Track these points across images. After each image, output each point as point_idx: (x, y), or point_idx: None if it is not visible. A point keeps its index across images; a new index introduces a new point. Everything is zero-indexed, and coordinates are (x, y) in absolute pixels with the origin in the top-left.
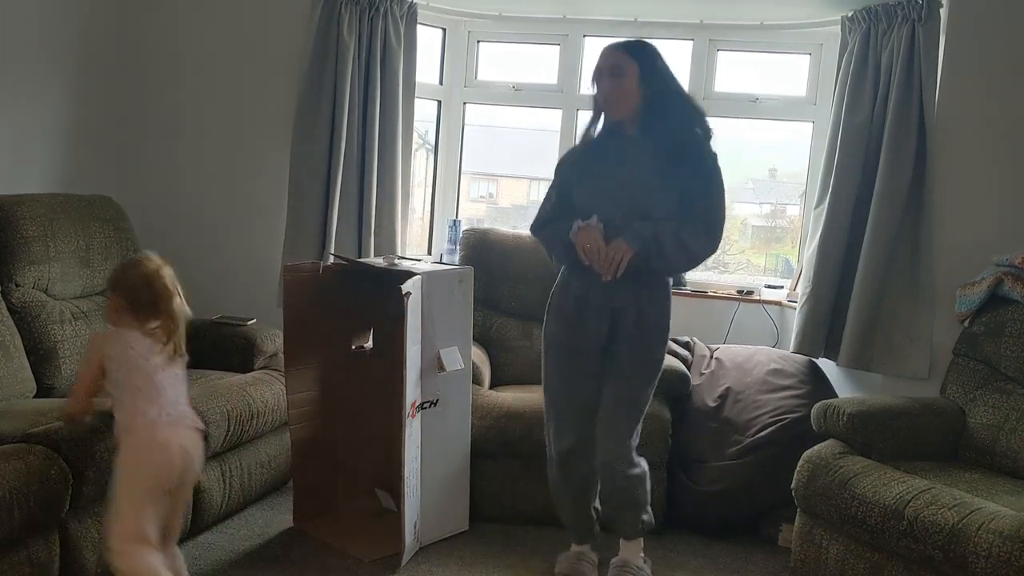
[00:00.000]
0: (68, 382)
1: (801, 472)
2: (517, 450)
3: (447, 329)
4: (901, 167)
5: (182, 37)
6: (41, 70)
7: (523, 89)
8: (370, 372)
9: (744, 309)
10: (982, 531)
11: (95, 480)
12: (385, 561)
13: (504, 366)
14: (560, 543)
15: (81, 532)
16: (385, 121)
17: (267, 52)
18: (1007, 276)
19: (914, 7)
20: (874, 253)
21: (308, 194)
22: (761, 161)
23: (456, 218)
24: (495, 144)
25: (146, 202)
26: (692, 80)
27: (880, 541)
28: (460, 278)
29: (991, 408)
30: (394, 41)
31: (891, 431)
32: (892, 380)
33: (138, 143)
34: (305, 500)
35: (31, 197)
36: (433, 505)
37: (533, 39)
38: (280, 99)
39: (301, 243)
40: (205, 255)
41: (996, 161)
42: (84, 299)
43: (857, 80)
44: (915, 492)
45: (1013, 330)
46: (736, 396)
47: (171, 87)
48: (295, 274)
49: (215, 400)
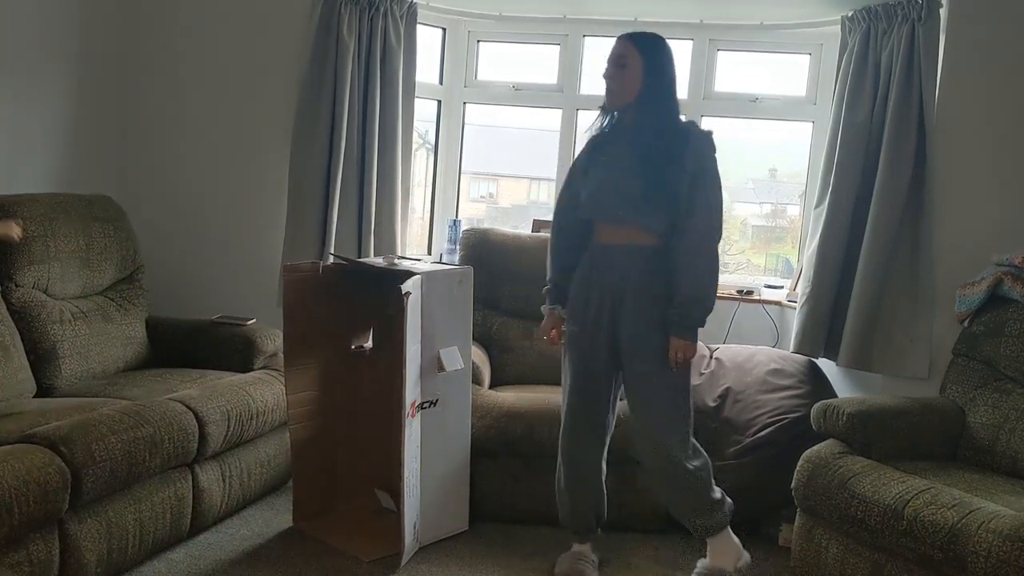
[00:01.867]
0: (68, 382)
1: (801, 472)
2: (517, 450)
3: (447, 329)
4: (901, 167)
5: (182, 37)
6: (41, 70)
7: (523, 89)
8: (370, 372)
9: (744, 309)
10: (982, 531)
11: (95, 480)
12: (385, 561)
13: (504, 366)
14: (559, 543)
15: (81, 532)
16: (385, 121)
17: (267, 52)
18: (1007, 276)
19: (914, 7)
20: (874, 253)
21: (308, 194)
22: (761, 161)
23: (456, 218)
24: (495, 144)
25: (146, 202)
26: (692, 80)
27: (880, 541)
28: (460, 278)
29: (991, 408)
30: (394, 41)
31: (891, 431)
32: (892, 380)
33: (138, 143)
34: (305, 500)
35: (31, 197)
36: (433, 505)
37: (533, 39)
38: (280, 99)
39: (301, 243)
40: (205, 255)
41: (996, 161)
42: (84, 299)
43: (857, 80)
44: (915, 492)
45: (1013, 330)
46: (736, 396)
47: (171, 87)
48: (295, 274)
49: (215, 400)
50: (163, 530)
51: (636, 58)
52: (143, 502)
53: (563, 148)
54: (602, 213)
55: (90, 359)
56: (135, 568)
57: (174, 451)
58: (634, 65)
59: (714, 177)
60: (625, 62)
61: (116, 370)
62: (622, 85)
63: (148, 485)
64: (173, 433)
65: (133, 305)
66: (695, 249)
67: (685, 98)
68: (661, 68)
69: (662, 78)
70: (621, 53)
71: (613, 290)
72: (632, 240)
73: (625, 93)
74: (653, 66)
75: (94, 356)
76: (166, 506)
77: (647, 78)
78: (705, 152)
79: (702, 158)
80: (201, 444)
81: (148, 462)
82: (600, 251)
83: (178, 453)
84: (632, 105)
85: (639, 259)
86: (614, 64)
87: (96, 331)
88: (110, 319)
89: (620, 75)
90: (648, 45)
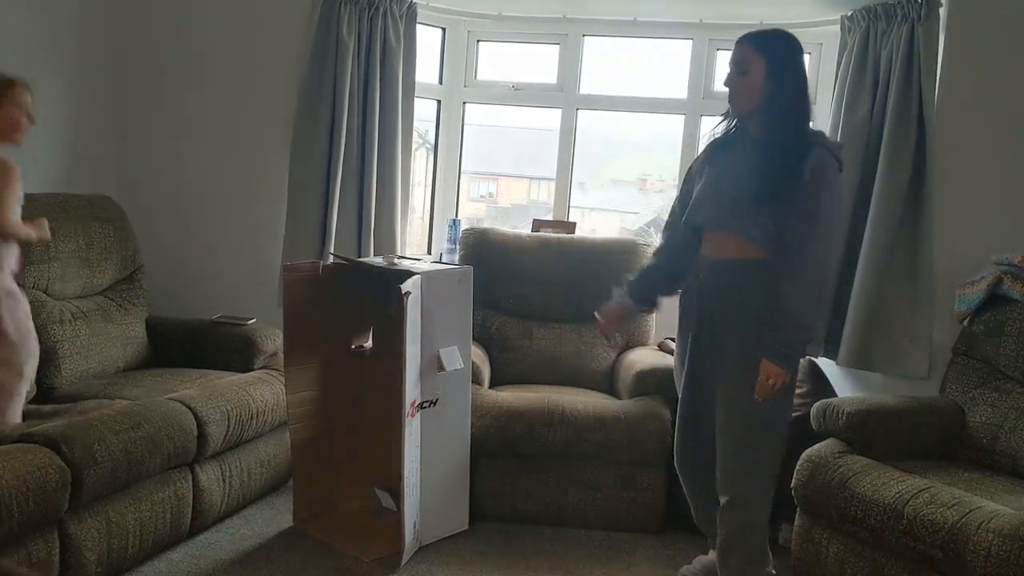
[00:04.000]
0: (68, 382)
1: (801, 471)
2: (517, 449)
3: (447, 328)
4: (900, 166)
5: (182, 37)
6: (41, 70)
7: (523, 89)
8: (370, 372)
9: None
10: (981, 530)
11: (95, 480)
12: (385, 560)
13: (504, 366)
14: (559, 542)
15: (81, 532)
16: (385, 121)
17: (267, 52)
18: (1007, 275)
19: (913, 6)
20: (874, 252)
21: (308, 194)
22: None
23: (456, 218)
24: (495, 144)
25: (146, 202)
26: (692, 79)
27: (880, 540)
28: (460, 277)
29: (990, 407)
30: (394, 41)
31: (891, 430)
32: (892, 379)
33: (138, 143)
34: (305, 500)
35: (31, 197)
36: (433, 504)
37: (533, 39)
38: (280, 99)
39: (301, 243)
40: (205, 255)
41: (996, 160)
42: (84, 299)
43: (857, 79)
44: (915, 491)
45: (1012, 329)
46: None
47: (171, 87)
48: (295, 274)
49: (215, 400)
50: (163, 530)
51: (758, 63)
52: (143, 502)
53: (563, 148)
54: (703, 218)
55: (90, 359)
56: (135, 568)
57: (174, 451)
58: (756, 71)
59: (833, 192)
60: (746, 68)
61: (116, 370)
62: (742, 92)
63: (148, 485)
64: (173, 433)
65: (133, 305)
66: (802, 267)
67: (685, 98)
68: (788, 72)
69: (789, 84)
70: (741, 59)
71: (712, 306)
72: (736, 253)
73: (747, 100)
74: (778, 71)
75: (94, 356)
76: (166, 506)
77: (772, 85)
78: (825, 165)
79: (821, 171)
80: (201, 444)
81: (148, 462)
82: (702, 262)
83: (178, 453)
84: (756, 113)
85: (740, 273)
86: (734, 70)
87: (96, 331)
88: (110, 319)
89: (740, 82)
90: (772, 48)
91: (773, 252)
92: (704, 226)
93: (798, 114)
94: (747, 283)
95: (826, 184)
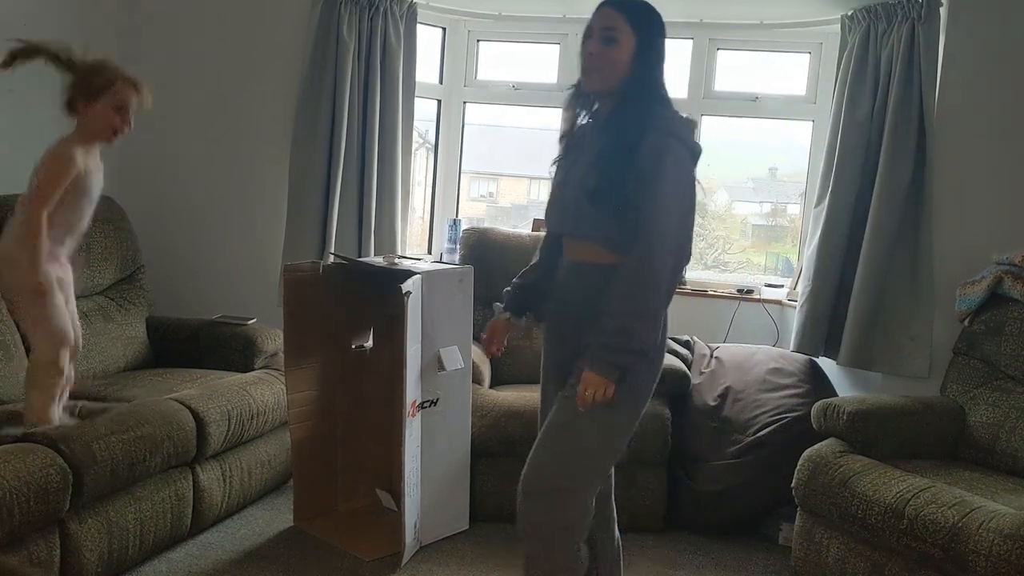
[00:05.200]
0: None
1: (801, 471)
2: (517, 449)
3: (447, 328)
4: (901, 166)
5: (182, 37)
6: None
7: (523, 88)
8: (370, 372)
9: (744, 308)
10: (982, 530)
11: (95, 480)
12: (385, 560)
13: (504, 366)
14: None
15: (81, 532)
16: (385, 120)
17: (267, 52)
18: (1007, 275)
19: (914, 6)
20: (874, 252)
21: (308, 194)
22: (761, 160)
23: (456, 217)
24: (495, 143)
25: (146, 202)
26: (692, 79)
27: (880, 540)
28: (460, 277)
29: (991, 407)
30: (394, 40)
31: (891, 430)
32: (892, 379)
33: (138, 143)
34: (305, 500)
35: None
36: (433, 504)
37: (533, 38)
38: (280, 99)
39: (301, 243)
40: (205, 255)
41: (996, 160)
42: (84, 299)
43: (857, 79)
44: (915, 491)
45: (1013, 329)
46: (736, 395)
47: (171, 87)
48: (295, 274)
49: (215, 400)
50: (164, 530)
51: (627, 34)
52: (144, 502)
53: None
54: (551, 223)
55: (90, 359)
56: (136, 568)
57: (174, 451)
58: (625, 42)
59: (671, 181)
60: (615, 36)
61: (116, 370)
62: (607, 65)
63: (148, 485)
64: (173, 433)
65: (134, 305)
66: (627, 268)
67: (686, 97)
68: (653, 50)
69: (652, 66)
70: (611, 25)
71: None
72: (586, 256)
73: (609, 75)
74: (645, 47)
75: (94, 356)
76: (166, 506)
77: (637, 61)
78: (663, 148)
79: (658, 156)
80: (201, 444)
81: (148, 462)
82: (562, 266)
83: (178, 453)
84: (614, 94)
85: (589, 276)
86: (600, 36)
87: (97, 331)
88: (111, 319)
89: (608, 52)
90: (642, 18)
91: (624, 254)
92: (553, 231)
93: (656, 99)
94: (590, 288)
95: (662, 172)
